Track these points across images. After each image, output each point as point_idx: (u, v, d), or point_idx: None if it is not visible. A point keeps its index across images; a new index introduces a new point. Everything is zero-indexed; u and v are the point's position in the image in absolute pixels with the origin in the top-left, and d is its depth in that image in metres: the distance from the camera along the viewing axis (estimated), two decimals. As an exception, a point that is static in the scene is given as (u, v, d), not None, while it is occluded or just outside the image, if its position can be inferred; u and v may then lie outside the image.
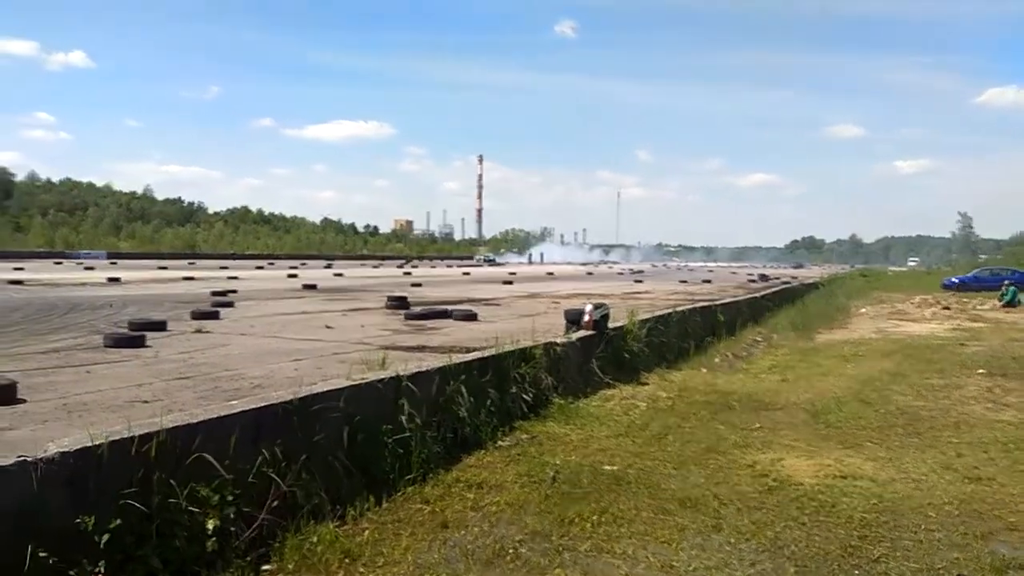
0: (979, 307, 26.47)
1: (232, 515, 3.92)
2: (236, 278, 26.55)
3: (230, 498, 3.94)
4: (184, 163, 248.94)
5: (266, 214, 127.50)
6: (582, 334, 9.42)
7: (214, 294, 16.54)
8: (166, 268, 37.31)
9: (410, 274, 35.36)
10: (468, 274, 38.18)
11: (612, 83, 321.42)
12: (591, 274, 43.16)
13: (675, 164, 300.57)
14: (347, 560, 4.09)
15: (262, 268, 42.51)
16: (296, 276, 28.49)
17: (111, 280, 23.59)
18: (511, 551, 4.29)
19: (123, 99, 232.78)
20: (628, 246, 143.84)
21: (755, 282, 31.40)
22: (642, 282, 29.67)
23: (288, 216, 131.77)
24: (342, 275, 32.59)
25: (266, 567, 3.96)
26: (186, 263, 49.20)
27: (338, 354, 7.81)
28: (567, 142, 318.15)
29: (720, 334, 14.88)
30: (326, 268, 44.49)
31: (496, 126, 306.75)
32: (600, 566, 4.16)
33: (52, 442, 3.58)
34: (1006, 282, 28.85)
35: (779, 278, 36.69)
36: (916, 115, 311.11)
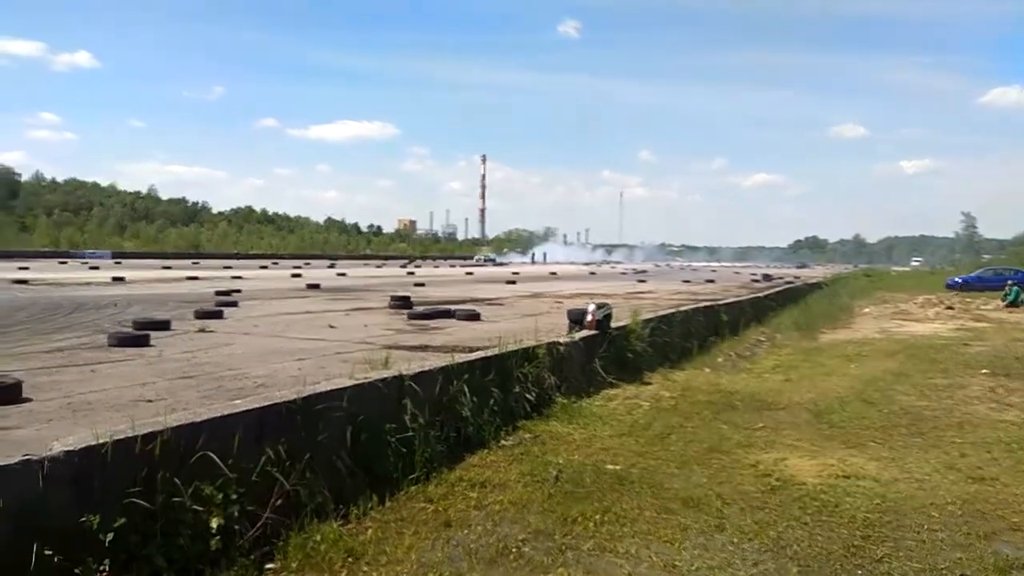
0: (982, 307, 26.41)
1: (236, 514, 3.94)
2: (240, 278, 26.60)
3: (234, 497, 3.96)
4: (188, 163, 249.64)
5: (270, 214, 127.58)
6: (585, 334, 9.44)
7: (218, 293, 16.57)
8: (170, 268, 37.38)
9: (413, 274, 35.34)
10: (471, 274, 38.16)
11: (614, 83, 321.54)
12: (594, 274, 43.09)
13: (677, 164, 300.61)
14: (350, 559, 4.10)
15: (266, 268, 42.64)
16: (300, 276, 28.57)
17: (115, 280, 23.62)
18: (514, 550, 4.29)
19: (127, 99, 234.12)
20: (631, 246, 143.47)
21: (758, 282, 31.33)
22: (645, 282, 29.64)
23: (292, 216, 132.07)
24: (345, 275, 32.63)
25: (270, 566, 3.97)
26: (190, 263, 49.31)
27: (341, 353, 7.82)
28: (569, 142, 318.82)
29: (723, 334, 14.88)
30: (329, 268, 44.62)
31: (499, 126, 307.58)
32: (603, 565, 4.16)
33: (57, 441, 3.60)
34: (1009, 282, 28.80)
35: (782, 278, 36.64)
36: (918, 115, 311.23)
